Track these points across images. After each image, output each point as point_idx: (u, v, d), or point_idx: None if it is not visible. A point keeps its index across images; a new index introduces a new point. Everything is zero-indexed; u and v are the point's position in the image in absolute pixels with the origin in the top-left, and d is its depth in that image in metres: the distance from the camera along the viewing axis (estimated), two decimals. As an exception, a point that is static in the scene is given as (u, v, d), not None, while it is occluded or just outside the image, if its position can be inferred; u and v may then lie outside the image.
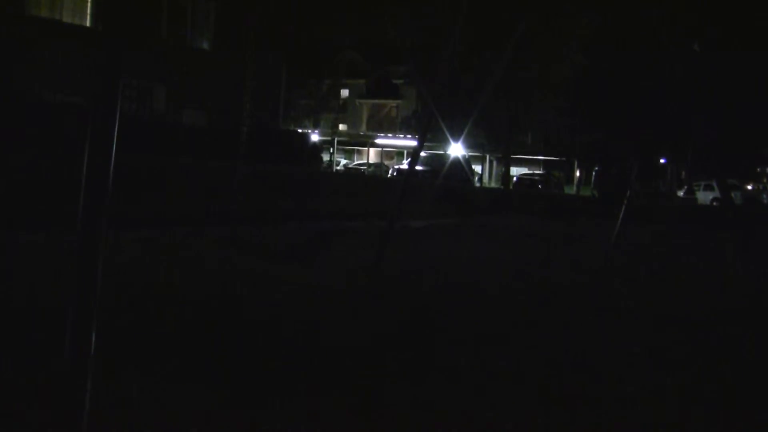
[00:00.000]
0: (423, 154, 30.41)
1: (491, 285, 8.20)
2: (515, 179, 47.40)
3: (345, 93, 71.88)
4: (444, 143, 41.59)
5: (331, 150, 57.34)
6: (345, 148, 65.60)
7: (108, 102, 2.49)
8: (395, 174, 40.70)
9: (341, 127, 69.80)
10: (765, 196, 46.03)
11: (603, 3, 34.71)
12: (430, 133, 24.92)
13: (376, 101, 70.84)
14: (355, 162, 62.32)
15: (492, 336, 5.61)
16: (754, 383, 4.77)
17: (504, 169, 45.22)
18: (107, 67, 2.50)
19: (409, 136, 54.03)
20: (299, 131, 47.74)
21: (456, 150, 38.05)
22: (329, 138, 58.24)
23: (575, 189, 49.83)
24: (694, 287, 9.16)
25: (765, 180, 58.46)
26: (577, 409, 3.91)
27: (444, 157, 38.86)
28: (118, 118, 2.49)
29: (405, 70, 57.94)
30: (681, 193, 46.55)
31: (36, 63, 20.24)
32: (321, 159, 39.96)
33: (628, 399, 4.18)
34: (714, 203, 39.57)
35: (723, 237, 14.44)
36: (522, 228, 17.34)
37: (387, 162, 59.63)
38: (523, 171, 53.64)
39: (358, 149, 66.54)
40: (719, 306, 7.77)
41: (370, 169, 53.71)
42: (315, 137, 49.10)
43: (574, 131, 41.99)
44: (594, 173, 43.79)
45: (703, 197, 43.29)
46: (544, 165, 58.07)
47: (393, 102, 69.60)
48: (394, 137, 60.16)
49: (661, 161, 48.19)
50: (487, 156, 58.33)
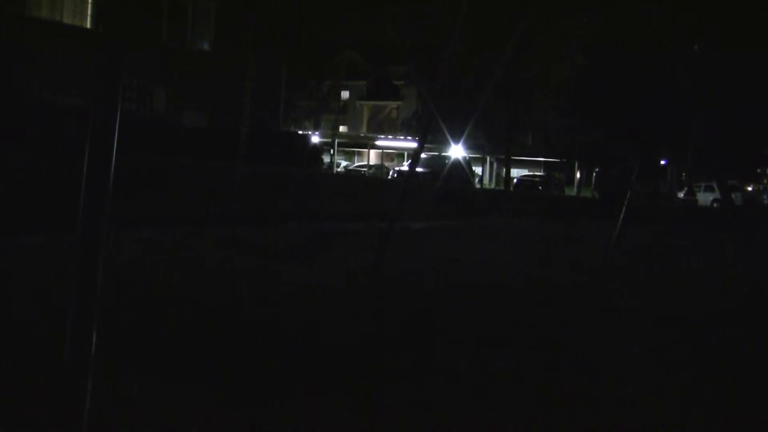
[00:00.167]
0: (423, 155, 30.43)
1: (491, 285, 8.20)
2: (516, 181, 47.42)
3: (345, 94, 71.85)
4: (444, 145, 41.58)
5: (332, 151, 57.32)
6: (345, 149, 65.58)
7: (108, 103, 2.49)
8: (395, 175, 40.70)
9: (341, 129, 69.81)
10: (765, 197, 46.06)
11: (603, 3, 34.74)
12: (430, 135, 24.94)
13: (376, 102, 70.82)
14: (356, 163, 62.33)
15: (492, 336, 5.61)
16: (754, 383, 4.77)
17: (504, 171, 45.26)
18: (107, 68, 2.50)
19: (410, 137, 54.01)
20: (299, 132, 47.76)
21: (456, 151, 38.05)
22: (329, 139, 58.23)
23: (576, 190, 49.86)
24: (694, 288, 9.16)
25: (765, 181, 58.49)
26: (577, 410, 3.91)
27: (444, 159, 38.86)
28: (118, 118, 2.49)
29: (405, 71, 57.93)
30: (681, 194, 46.57)
31: (36, 63, 20.26)
32: (321, 160, 39.97)
33: (628, 399, 4.18)
34: (714, 204, 39.58)
35: (723, 238, 14.42)
36: (522, 229, 17.34)
37: (387, 163, 59.63)
38: (524, 172, 53.65)
39: (358, 151, 66.53)
40: (719, 306, 7.77)
41: (370, 171, 53.71)
42: (315, 138, 49.12)
43: (574, 131, 41.99)
44: (594, 174, 43.80)
45: (704, 198, 43.31)
46: (544, 166, 58.09)
47: (393, 103, 69.57)
48: (394, 139, 60.15)
49: (662, 162, 48.21)
50: (488, 157, 58.35)
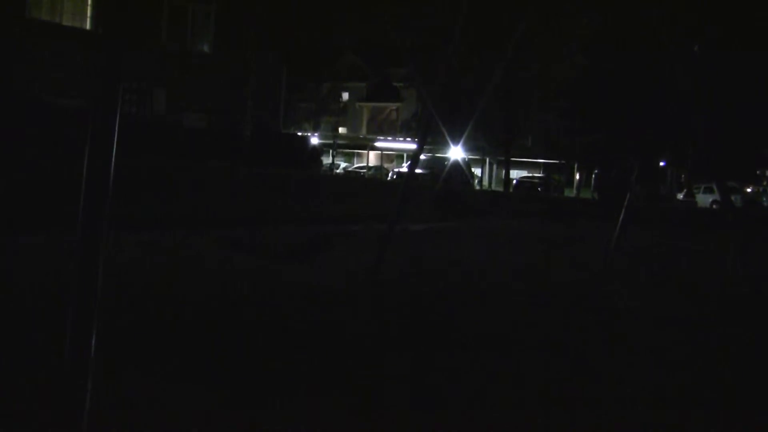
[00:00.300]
0: (423, 157, 30.42)
1: (491, 287, 8.20)
2: (515, 182, 47.43)
3: (345, 96, 71.88)
4: (444, 146, 41.59)
5: (332, 153, 57.33)
6: (345, 151, 65.58)
7: (108, 104, 2.49)
8: (395, 177, 40.72)
9: (341, 130, 69.80)
10: (765, 198, 46.05)
11: (603, 3, 34.77)
12: (429, 137, 24.91)
13: (376, 104, 70.80)
14: (355, 165, 62.33)
15: (492, 337, 5.61)
16: (754, 383, 4.77)
17: (504, 172, 45.29)
18: (107, 70, 2.50)
19: (409, 139, 54.06)
20: (299, 134, 47.78)
21: (456, 153, 38.06)
22: (329, 141, 58.22)
23: (575, 192, 49.84)
24: (693, 288, 9.16)
25: (765, 182, 58.47)
26: (577, 410, 3.91)
27: (444, 160, 38.87)
28: (118, 119, 2.49)
29: (405, 72, 58.02)
30: (680, 196, 46.57)
31: (37, 64, 20.28)
32: (321, 162, 39.95)
33: (628, 399, 4.18)
34: (713, 206, 39.59)
35: (723, 239, 14.40)
36: (522, 230, 17.34)
37: (387, 165, 59.62)
38: (523, 174, 53.65)
39: (357, 152, 66.52)
40: (719, 307, 7.77)
41: (369, 172, 53.71)
42: (315, 140, 49.13)
43: (574, 132, 41.95)
44: (593, 176, 43.79)
45: (703, 200, 43.33)
46: (543, 168, 58.08)
47: (393, 105, 69.57)
48: (394, 140, 60.15)
49: (661, 164, 48.20)
50: (487, 159, 58.36)
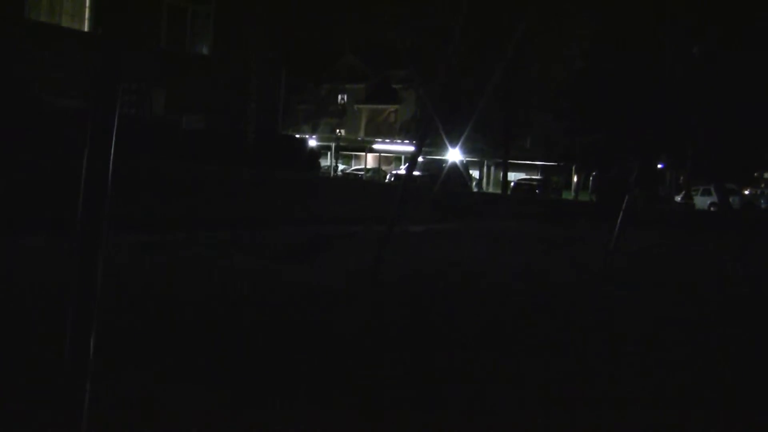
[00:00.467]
0: (421, 159, 30.44)
1: (490, 288, 8.21)
2: (513, 184, 47.48)
3: (344, 98, 71.97)
4: (442, 148, 41.65)
5: (330, 155, 57.34)
6: (343, 153, 65.62)
7: (107, 104, 2.49)
8: (393, 179, 40.76)
9: (339, 132, 69.84)
10: (763, 200, 46.11)
11: (602, 4, 34.87)
12: (428, 138, 24.89)
13: (374, 106, 70.90)
14: (353, 167, 62.37)
15: (491, 338, 5.62)
16: (753, 383, 4.78)
17: (502, 174, 45.33)
18: (106, 71, 2.51)
19: (408, 141, 54.07)
20: (298, 136, 47.80)
21: (454, 155, 38.11)
22: (327, 143, 58.26)
23: (573, 194, 49.89)
24: (693, 289, 9.17)
25: (763, 185, 58.57)
26: (577, 410, 3.92)
27: (442, 163, 38.92)
28: (116, 120, 2.50)
29: (404, 74, 58.09)
30: (679, 198, 46.64)
31: (35, 65, 20.26)
32: (319, 164, 39.95)
33: (627, 400, 4.18)
34: (712, 208, 39.66)
35: (721, 241, 14.48)
36: (520, 232, 17.35)
37: (385, 167, 59.67)
38: (521, 176, 53.72)
39: (356, 154, 66.56)
40: (719, 307, 7.78)
41: (368, 174, 53.73)
42: (313, 142, 49.15)
43: (572, 134, 42.02)
44: (592, 178, 43.84)
45: (701, 202, 43.40)
46: (542, 170, 58.14)
47: (392, 107, 69.66)
48: (392, 142, 60.20)
49: (660, 166, 48.26)
50: (485, 161, 58.43)
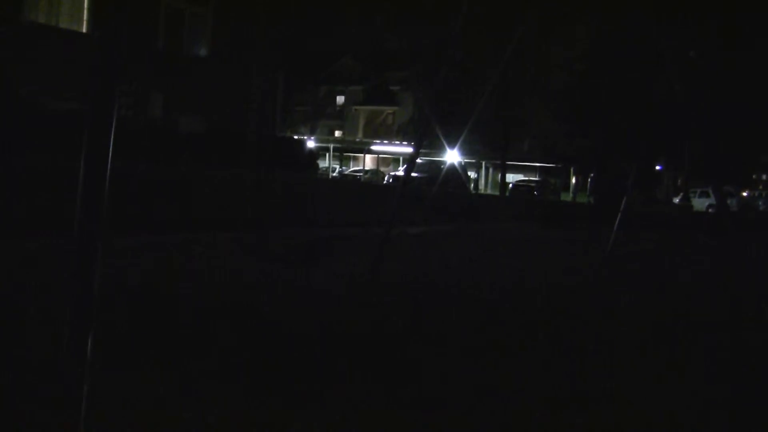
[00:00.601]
0: (419, 160, 30.42)
1: (489, 290, 8.23)
2: (511, 186, 47.48)
3: (341, 99, 71.98)
4: (440, 150, 41.64)
5: (328, 156, 57.35)
6: (341, 154, 65.62)
7: (104, 106, 2.51)
8: (391, 180, 40.74)
9: (337, 134, 69.87)
10: (761, 202, 46.17)
11: (601, 8, 34.92)
12: (426, 140, 24.87)
13: (372, 108, 70.92)
14: (351, 168, 62.34)
15: (490, 339, 5.64)
16: (752, 383, 4.80)
17: (500, 176, 45.36)
18: (103, 73, 2.52)
19: (406, 142, 54.06)
20: (296, 137, 47.80)
21: (452, 157, 38.09)
22: (325, 144, 58.25)
23: (571, 195, 49.89)
24: (690, 291, 9.19)
25: (760, 187, 58.67)
26: (576, 411, 3.94)
27: (440, 164, 38.92)
28: (114, 123, 2.51)
29: (402, 76, 58.11)
30: (677, 200, 46.69)
31: (33, 67, 20.24)
32: (317, 166, 39.91)
33: (626, 400, 4.20)
34: (710, 210, 39.68)
35: (719, 243, 14.49)
36: (518, 234, 17.40)
37: (383, 168, 59.66)
38: (519, 177, 53.71)
39: (354, 156, 66.55)
40: (716, 308, 7.80)
41: (366, 176, 53.71)
42: (311, 144, 49.15)
43: (571, 136, 42.04)
44: (589, 179, 43.87)
45: (699, 204, 43.45)
46: (540, 171, 58.15)
47: (389, 109, 69.67)
48: (390, 144, 60.19)
49: (657, 168, 48.30)
50: (483, 162, 58.44)
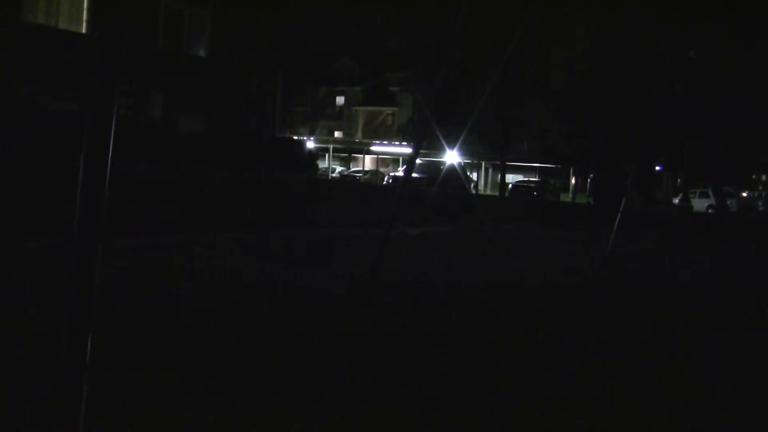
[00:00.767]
0: (418, 161, 30.42)
1: (489, 290, 8.23)
2: (510, 186, 47.51)
3: (341, 100, 72.03)
4: (440, 150, 41.69)
5: (328, 157, 57.35)
6: (340, 155, 65.65)
7: (104, 107, 2.51)
8: (390, 181, 40.76)
9: (337, 134, 69.90)
10: (760, 203, 46.19)
11: (601, 8, 34.94)
12: (425, 141, 24.86)
13: (372, 108, 71.00)
14: (351, 169, 62.38)
15: (490, 339, 5.64)
16: (752, 383, 4.80)
17: (500, 176, 45.38)
18: (103, 74, 2.52)
19: (405, 143, 54.08)
20: (295, 138, 47.82)
21: (452, 157, 38.11)
22: (325, 145, 58.28)
23: (571, 196, 49.93)
24: (690, 291, 9.20)
25: (760, 187, 58.72)
26: (576, 411, 3.94)
27: (440, 165, 38.94)
28: (114, 124, 2.51)
29: (401, 77, 58.16)
30: (676, 200, 46.73)
31: (33, 68, 20.25)
32: (317, 166, 39.92)
33: (625, 400, 4.21)
34: (709, 210, 39.70)
35: (718, 243, 14.52)
36: (517, 234, 17.41)
37: (383, 169, 59.69)
38: (519, 178, 53.75)
39: (353, 156, 66.61)
40: (716, 308, 7.81)
41: (365, 176, 53.73)
42: (310, 144, 49.17)
43: (570, 136, 42.07)
44: (589, 180, 43.90)
45: (699, 204, 43.49)
46: (539, 172, 58.21)
47: (389, 109, 69.75)
48: (389, 144, 60.23)
49: (657, 168, 48.35)
50: (483, 163, 58.48)
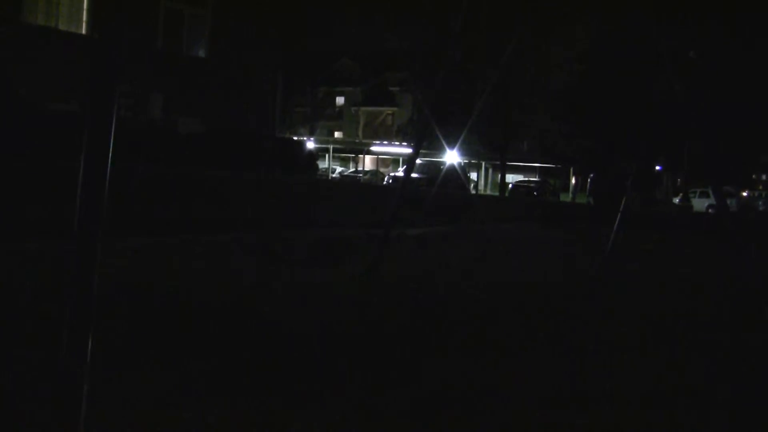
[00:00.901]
0: (418, 161, 30.41)
1: (488, 290, 8.23)
2: (511, 186, 47.48)
3: (341, 100, 72.01)
4: (440, 151, 41.63)
5: (328, 157, 57.33)
6: (341, 155, 65.58)
7: (104, 108, 2.51)
8: (390, 181, 40.72)
9: (337, 135, 69.86)
10: (760, 203, 46.19)
11: (601, 8, 34.92)
12: (425, 141, 24.84)
13: (372, 108, 70.97)
14: (351, 169, 62.35)
15: (490, 339, 5.65)
16: (752, 383, 4.81)
17: (500, 176, 45.34)
18: (103, 75, 2.52)
19: (405, 143, 54.05)
20: (295, 138, 47.80)
21: (452, 157, 38.09)
22: (325, 145, 58.25)
23: (571, 196, 49.92)
24: (690, 291, 9.20)
25: (760, 187, 58.71)
26: (576, 411, 3.94)
27: (440, 165, 38.90)
28: (114, 124, 2.51)
29: (401, 77, 58.10)
30: (677, 200, 46.72)
31: (32, 68, 20.25)
32: (317, 167, 39.88)
33: (624, 400, 4.21)
34: (709, 210, 39.69)
35: (718, 243, 14.51)
36: (518, 234, 17.39)
37: (383, 169, 59.65)
38: (519, 178, 53.73)
39: (353, 157, 66.56)
40: (716, 308, 7.81)
41: (365, 177, 53.70)
42: (310, 144, 49.14)
43: (570, 137, 42.04)
44: (589, 180, 43.89)
45: (699, 204, 43.49)
46: (539, 172, 58.20)
47: (389, 109, 69.72)
48: (389, 144, 60.19)
49: (657, 168, 48.33)
50: (483, 163, 58.45)
